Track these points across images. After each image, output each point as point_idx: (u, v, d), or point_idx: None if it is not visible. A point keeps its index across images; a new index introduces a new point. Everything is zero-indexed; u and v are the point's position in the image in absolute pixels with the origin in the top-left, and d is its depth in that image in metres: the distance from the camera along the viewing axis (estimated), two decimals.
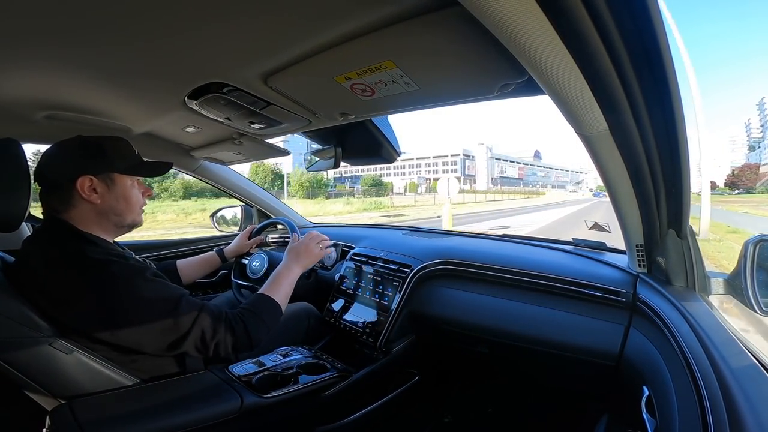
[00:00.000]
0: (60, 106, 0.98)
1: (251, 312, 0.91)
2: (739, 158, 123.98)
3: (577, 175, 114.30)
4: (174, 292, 0.82)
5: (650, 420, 0.69)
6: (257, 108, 0.97)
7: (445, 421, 1.46)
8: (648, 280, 0.97)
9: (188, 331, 0.79)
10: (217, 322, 0.83)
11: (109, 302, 0.75)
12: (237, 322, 0.86)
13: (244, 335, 0.86)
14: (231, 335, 0.84)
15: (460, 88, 0.79)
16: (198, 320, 0.81)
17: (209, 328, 0.82)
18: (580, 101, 0.59)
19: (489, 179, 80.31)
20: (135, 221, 0.93)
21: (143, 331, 0.77)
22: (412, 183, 66.35)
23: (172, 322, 0.78)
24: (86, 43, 0.66)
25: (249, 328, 0.87)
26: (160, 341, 0.79)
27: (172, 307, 0.79)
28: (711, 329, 0.67)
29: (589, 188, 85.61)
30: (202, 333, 0.80)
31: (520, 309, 1.15)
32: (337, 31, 0.63)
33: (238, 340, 0.85)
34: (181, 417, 0.77)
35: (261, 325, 0.90)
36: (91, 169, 0.84)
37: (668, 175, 0.74)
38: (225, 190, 1.88)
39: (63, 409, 0.71)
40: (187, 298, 0.83)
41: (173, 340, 0.79)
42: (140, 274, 0.80)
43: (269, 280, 1.05)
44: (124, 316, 0.76)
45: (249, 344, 0.87)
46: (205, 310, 0.83)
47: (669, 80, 0.53)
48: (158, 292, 0.80)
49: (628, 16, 0.45)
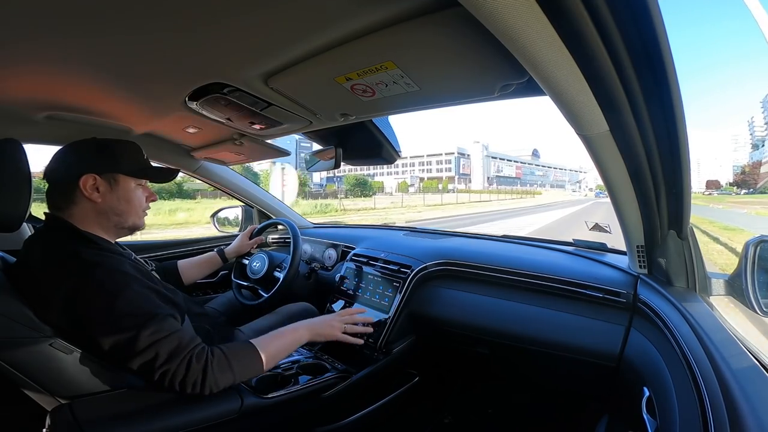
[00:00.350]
0: (60, 106, 0.98)
1: (223, 355, 0.80)
2: (741, 157, 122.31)
3: (576, 174, 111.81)
4: (149, 310, 0.76)
5: (650, 421, 0.69)
6: (258, 108, 0.97)
7: (445, 422, 1.46)
8: (648, 280, 0.97)
9: (141, 351, 0.72)
10: (177, 351, 0.75)
11: (89, 305, 0.74)
12: (200, 359, 0.76)
13: (197, 375, 0.75)
14: (184, 370, 0.75)
15: (461, 89, 0.79)
16: (156, 344, 0.73)
17: (164, 355, 0.74)
18: (581, 102, 0.59)
19: (485, 178, 78.34)
20: (136, 224, 0.93)
21: (103, 336, 0.73)
22: (403, 182, 64.80)
23: (130, 337, 0.72)
24: (87, 44, 0.66)
25: (208, 370, 0.76)
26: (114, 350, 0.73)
27: (139, 324, 0.73)
28: (711, 330, 0.67)
29: (589, 188, 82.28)
30: (154, 357, 0.73)
31: (521, 310, 1.15)
32: (338, 32, 0.63)
33: (188, 378, 0.75)
34: (181, 417, 0.77)
35: (225, 372, 0.78)
36: (96, 167, 0.85)
37: (669, 175, 0.74)
38: (225, 190, 1.88)
39: (63, 409, 0.71)
40: (161, 319, 0.76)
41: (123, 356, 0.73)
42: (127, 284, 0.76)
43: (273, 332, 0.95)
44: (96, 321, 0.74)
45: (200, 387, 0.76)
46: (170, 337, 0.75)
47: (669, 81, 0.53)
48: (133, 306, 0.75)
49: (629, 16, 0.45)
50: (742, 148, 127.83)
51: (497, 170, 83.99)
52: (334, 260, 1.69)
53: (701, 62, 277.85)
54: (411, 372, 1.36)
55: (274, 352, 0.89)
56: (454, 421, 1.46)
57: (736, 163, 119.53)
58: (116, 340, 0.73)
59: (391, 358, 1.25)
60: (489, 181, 77.84)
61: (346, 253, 1.62)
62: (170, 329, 0.76)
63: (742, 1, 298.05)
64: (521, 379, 1.49)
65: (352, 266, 1.49)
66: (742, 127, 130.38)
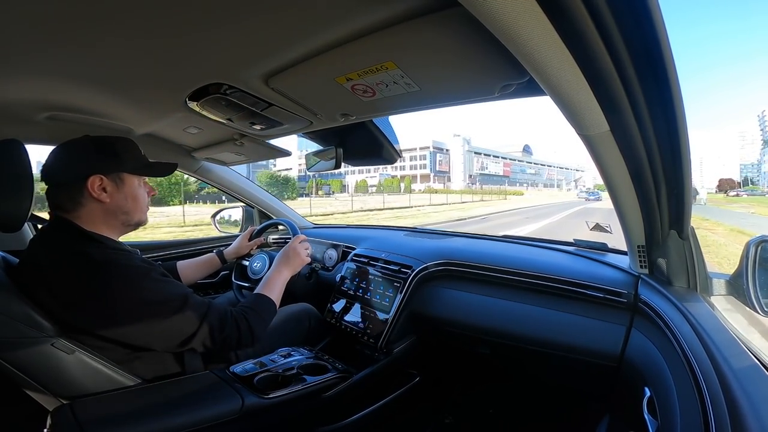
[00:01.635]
0: (62, 107, 0.98)
1: (253, 310, 0.95)
2: (749, 155, 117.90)
3: (573, 172, 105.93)
4: (180, 291, 0.85)
5: (651, 421, 0.69)
6: (258, 109, 0.97)
7: (446, 422, 1.46)
8: (649, 280, 0.97)
9: (197, 329, 0.83)
10: (223, 319, 0.87)
11: (114, 303, 0.75)
12: (241, 319, 0.90)
13: (247, 331, 0.90)
14: (237, 331, 0.88)
15: (461, 89, 0.79)
16: (206, 318, 0.84)
17: (217, 325, 0.85)
18: (581, 102, 0.59)
19: (466, 176, 67.98)
20: (141, 220, 0.94)
21: (150, 330, 0.79)
22: (363, 181, 56.67)
23: (180, 321, 0.81)
24: (88, 45, 0.67)
25: (252, 324, 0.91)
26: (169, 340, 0.82)
27: (179, 307, 0.81)
28: (712, 330, 0.67)
29: (586, 188, 70.42)
30: (210, 330, 0.84)
31: (521, 310, 1.15)
32: (338, 32, 0.63)
33: (242, 336, 0.89)
34: (182, 417, 0.77)
35: (261, 321, 0.95)
36: (102, 168, 0.85)
37: (669, 175, 0.73)
38: (226, 190, 1.88)
39: (64, 408, 0.72)
40: (192, 296, 0.85)
41: (183, 339, 0.82)
42: (146, 275, 0.81)
43: (263, 281, 1.09)
44: (129, 317, 0.77)
45: (251, 340, 0.91)
46: (212, 308, 0.87)
47: (670, 80, 0.53)
48: (164, 294, 0.81)
49: (629, 15, 0.45)
50: (749, 146, 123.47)
51: (481, 167, 73.52)
52: (335, 260, 1.69)
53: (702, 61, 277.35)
54: (412, 372, 1.36)
55: (276, 294, 1.06)
56: (454, 421, 1.46)
57: (744, 162, 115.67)
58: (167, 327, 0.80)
59: (392, 358, 1.25)
60: (471, 180, 67.97)
61: (346, 254, 1.62)
62: (206, 303, 0.86)
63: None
64: (522, 379, 1.49)
65: (353, 266, 1.49)
66: (749, 123, 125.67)
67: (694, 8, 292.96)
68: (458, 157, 68.82)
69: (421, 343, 1.34)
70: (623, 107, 0.59)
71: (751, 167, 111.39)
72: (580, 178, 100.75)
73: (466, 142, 70.51)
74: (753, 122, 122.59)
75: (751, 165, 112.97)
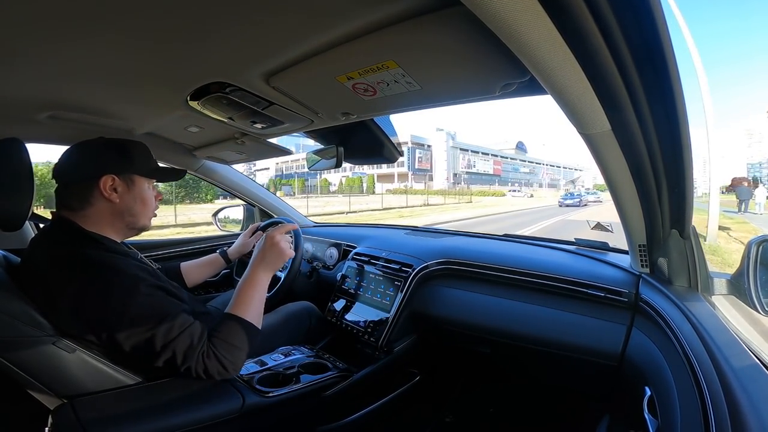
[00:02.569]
0: (63, 106, 0.98)
1: (221, 340, 0.83)
2: (756, 154, 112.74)
3: (572, 171, 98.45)
4: (161, 310, 0.78)
5: (652, 420, 0.69)
6: (259, 108, 0.97)
7: (446, 421, 1.46)
8: (650, 280, 0.97)
9: (160, 352, 0.76)
10: (191, 350, 0.78)
11: (99, 308, 0.75)
12: (208, 354, 0.80)
13: (217, 365, 0.80)
14: (202, 364, 0.79)
15: (462, 88, 0.79)
16: (171, 343, 0.76)
17: (181, 354, 0.77)
18: (583, 101, 0.59)
19: (450, 175, 56.96)
20: (145, 225, 0.94)
21: (122, 342, 0.75)
22: (324, 180, 47.58)
23: (147, 340, 0.75)
24: (89, 44, 0.67)
25: (221, 358, 0.81)
26: (137, 353, 0.77)
27: (152, 325, 0.76)
28: (713, 329, 0.67)
29: (585, 188, 64.06)
30: (172, 356, 0.77)
31: (522, 309, 1.15)
32: (339, 31, 0.63)
33: (210, 369, 0.80)
34: (183, 416, 0.78)
35: (234, 351, 0.83)
36: (115, 168, 0.86)
37: (671, 174, 0.73)
38: (227, 189, 1.88)
39: (65, 408, 0.72)
40: (172, 318, 0.78)
41: (146, 357, 0.77)
42: (136, 286, 0.77)
43: (234, 295, 0.94)
44: (109, 324, 0.75)
45: (225, 372, 0.82)
46: (183, 335, 0.78)
47: (672, 79, 0.53)
48: (145, 309, 0.77)
49: (631, 14, 0.45)
50: (757, 144, 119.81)
51: (468, 165, 62.47)
52: (336, 259, 1.69)
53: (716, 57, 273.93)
54: (412, 371, 1.36)
55: (253, 310, 0.91)
56: (455, 420, 1.46)
57: (751, 161, 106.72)
58: (133, 343, 0.75)
59: (393, 357, 1.25)
60: (456, 179, 57.06)
61: (347, 252, 1.62)
62: (182, 327, 0.78)
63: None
64: (522, 378, 1.49)
65: (354, 265, 1.49)
66: (757, 119, 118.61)
67: (695, 8, 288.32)
68: (441, 154, 57.95)
69: (422, 342, 1.34)
70: (624, 106, 0.59)
71: (759, 167, 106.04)
72: (578, 177, 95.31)
73: (451, 137, 60.01)
74: (762, 118, 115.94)
75: (759, 164, 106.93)
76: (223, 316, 0.89)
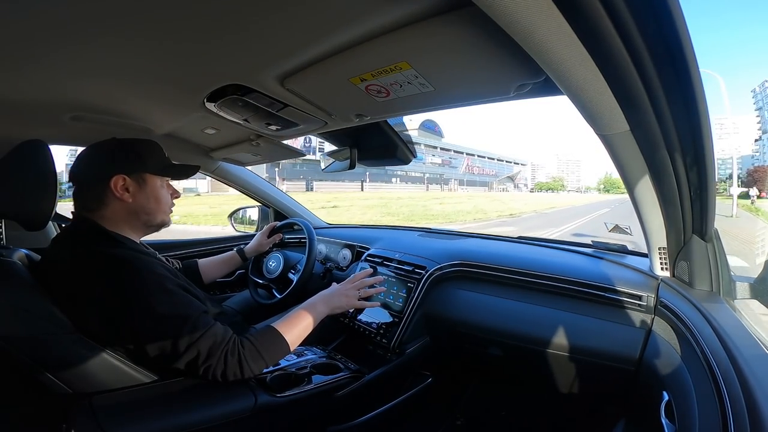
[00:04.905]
0: (85, 107, 1.01)
1: (253, 346, 0.84)
2: (727, 147, 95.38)
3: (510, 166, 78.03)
4: (185, 310, 0.79)
5: (669, 425, 0.67)
6: (274, 110, 0.98)
7: (457, 424, 1.45)
8: (671, 283, 0.94)
9: (184, 352, 0.77)
10: (214, 348, 0.79)
11: (124, 305, 0.76)
12: (233, 353, 0.80)
13: (236, 367, 0.80)
14: (222, 364, 0.79)
15: (476, 89, 0.78)
16: (195, 344, 0.77)
17: (204, 353, 0.78)
18: (600, 101, 0.58)
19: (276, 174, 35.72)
20: (164, 221, 0.96)
21: (146, 341, 0.76)
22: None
23: (172, 340, 0.76)
24: (110, 46, 0.68)
25: (243, 362, 0.81)
26: (159, 352, 0.77)
27: (179, 325, 0.77)
28: (735, 334, 0.65)
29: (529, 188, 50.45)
30: (196, 355, 0.77)
31: (537, 312, 1.13)
32: (352, 33, 0.63)
33: (228, 371, 0.80)
34: (196, 414, 0.79)
35: (258, 361, 0.83)
36: (125, 168, 0.87)
37: (692, 175, 0.71)
38: (242, 190, 1.91)
39: (83, 404, 0.73)
40: (195, 318, 0.79)
41: (168, 357, 0.77)
42: (160, 284, 0.79)
43: (289, 313, 0.98)
44: (133, 321, 0.76)
45: (240, 376, 0.81)
46: (206, 335, 0.79)
47: (692, 77, 0.52)
48: (170, 308, 0.78)
49: (647, 11, 0.44)
50: (728, 136, 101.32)
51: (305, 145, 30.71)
52: (349, 260, 1.70)
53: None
54: (424, 373, 1.35)
55: (297, 333, 0.94)
56: (466, 422, 1.45)
57: (722, 155, 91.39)
58: (157, 343, 0.76)
59: (404, 358, 1.25)
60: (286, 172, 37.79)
61: (360, 254, 1.62)
62: (205, 327, 0.80)
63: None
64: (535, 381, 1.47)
65: (367, 267, 1.49)
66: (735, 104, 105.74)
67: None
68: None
69: (434, 344, 1.34)
70: (643, 106, 0.58)
71: (730, 162, 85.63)
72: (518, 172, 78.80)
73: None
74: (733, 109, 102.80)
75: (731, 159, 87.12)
76: (266, 327, 0.91)
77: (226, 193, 25.53)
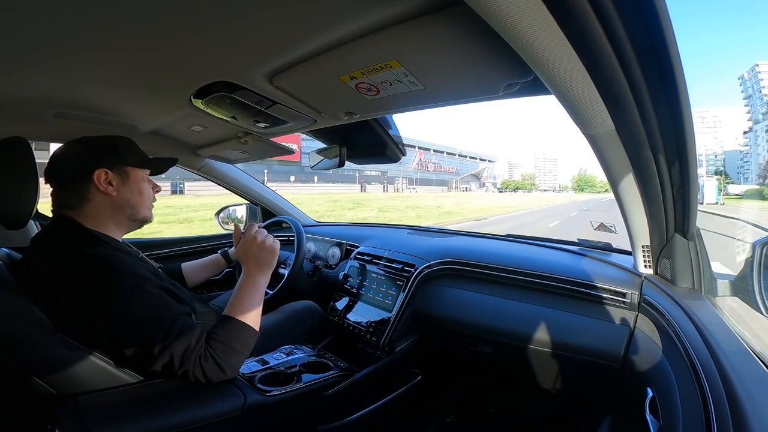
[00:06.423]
0: (68, 104, 0.98)
1: (221, 344, 0.82)
2: (708, 140, 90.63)
3: (475, 163, 69.76)
4: (161, 313, 0.78)
5: (653, 422, 0.69)
6: (263, 107, 0.97)
7: (447, 421, 1.46)
8: (653, 281, 0.96)
9: (158, 354, 0.75)
10: (188, 353, 0.77)
11: (101, 306, 0.74)
12: (206, 357, 0.79)
13: (215, 369, 0.79)
14: (200, 368, 0.78)
15: (465, 88, 0.79)
16: (170, 346, 0.75)
17: (178, 357, 0.76)
18: (587, 101, 0.59)
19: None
20: (146, 216, 0.94)
21: (122, 342, 0.75)
22: None
23: (147, 342, 0.75)
24: (95, 43, 0.67)
25: (220, 362, 0.80)
26: (135, 354, 0.76)
27: (154, 328, 0.75)
28: (717, 331, 0.67)
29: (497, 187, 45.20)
30: (170, 359, 0.75)
31: (525, 309, 1.14)
32: (342, 31, 0.63)
33: (208, 374, 0.78)
34: (185, 414, 0.78)
35: (233, 355, 0.82)
36: (106, 162, 0.86)
37: (675, 175, 0.73)
38: (230, 188, 1.89)
39: (68, 405, 0.72)
40: (172, 321, 0.77)
41: (145, 358, 0.76)
42: (139, 285, 0.77)
43: (232, 297, 0.92)
44: (108, 324, 0.75)
45: (225, 376, 0.81)
46: (181, 339, 0.76)
47: (677, 79, 0.53)
48: (146, 310, 0.76)
49: (635, 13, 0.45)
50: (711, 130, 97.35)
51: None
52: (338, 258, 1.69)
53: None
54: (414, 371, 1.36)
55: (254, 312, 0.90)
56: (456, 420, 1.46)
57: (706, 150, 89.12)
58: (133, 345, 0.75)
59: (394, 356, 1.25)
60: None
61: (350, 252, 1.62)
62: (181, 330, 0.77)
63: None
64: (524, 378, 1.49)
65: (356, 264, 1.49)
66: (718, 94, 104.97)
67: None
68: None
69: (424, 342, 1.34)
70: (629, 106, 0.59)
71: (713, 158, 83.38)
72: (483, 169, 69.61)
73: None
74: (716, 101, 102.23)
75: (714, 155, 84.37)
76: (220, 318, 0.88)
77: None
